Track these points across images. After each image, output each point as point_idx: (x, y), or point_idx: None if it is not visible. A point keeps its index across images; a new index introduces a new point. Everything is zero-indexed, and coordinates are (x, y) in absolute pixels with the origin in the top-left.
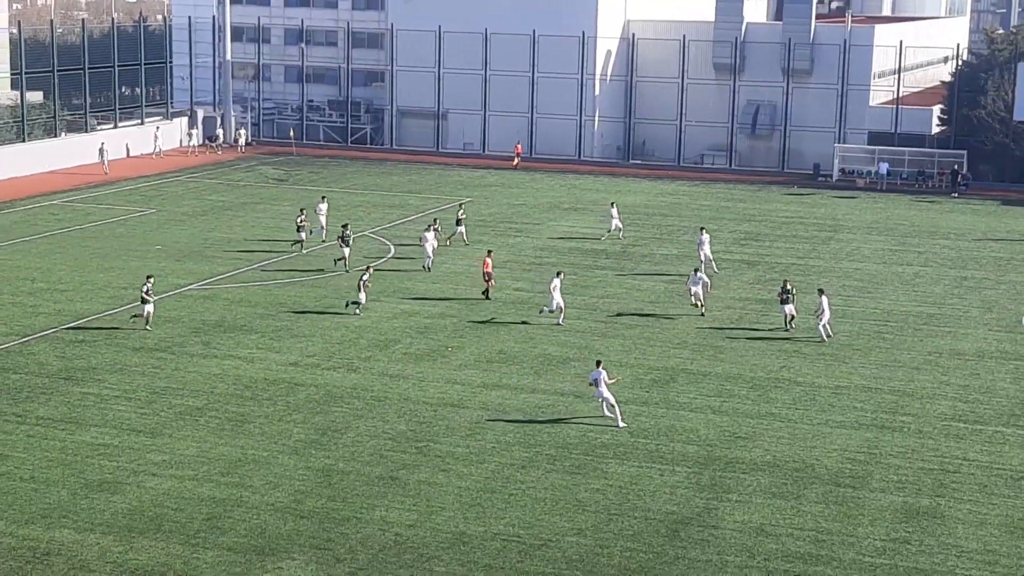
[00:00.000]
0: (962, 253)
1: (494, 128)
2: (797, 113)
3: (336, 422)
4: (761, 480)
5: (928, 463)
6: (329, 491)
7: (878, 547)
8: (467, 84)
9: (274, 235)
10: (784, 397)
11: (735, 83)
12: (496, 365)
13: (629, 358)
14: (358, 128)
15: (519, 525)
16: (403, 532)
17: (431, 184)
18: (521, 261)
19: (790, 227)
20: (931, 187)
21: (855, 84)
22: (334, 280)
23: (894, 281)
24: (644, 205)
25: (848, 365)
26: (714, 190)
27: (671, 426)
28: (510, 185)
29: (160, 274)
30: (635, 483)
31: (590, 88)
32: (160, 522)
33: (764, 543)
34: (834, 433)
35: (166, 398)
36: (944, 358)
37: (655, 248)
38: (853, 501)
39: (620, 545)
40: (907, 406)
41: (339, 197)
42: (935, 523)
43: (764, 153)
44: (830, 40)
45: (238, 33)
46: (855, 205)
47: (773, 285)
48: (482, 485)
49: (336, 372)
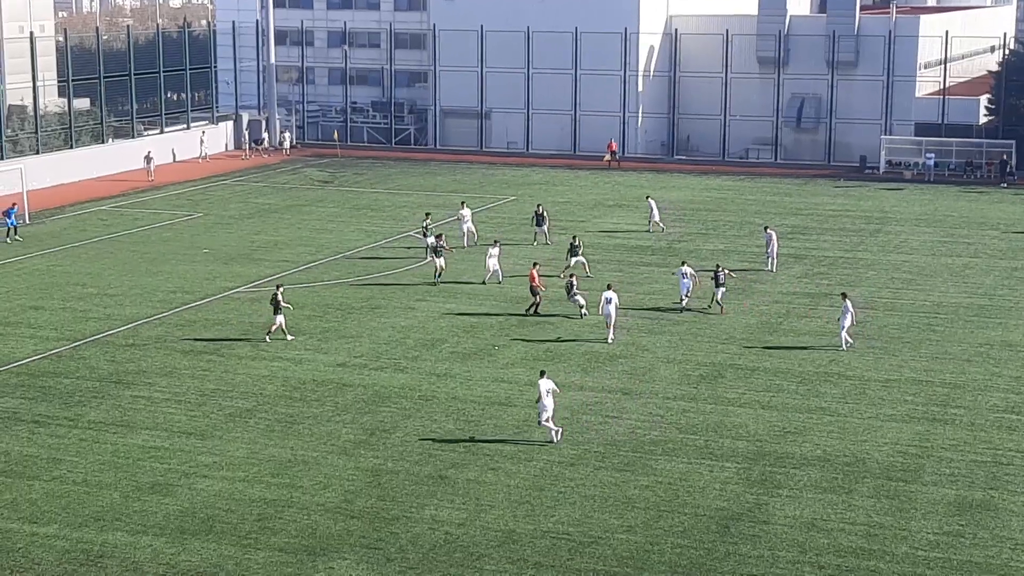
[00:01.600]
0: (1012, 244)
1: (537, 126)
2: (842, 105)
3: (384, 422)
4: (812, 475)
5: (981, 456)
6: (379, 491)
7: (931, 541)
8: (510, 83)
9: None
10: (833, 391)
11: (779, 76)
12: (543, 363)
13: (676, 354)
14: (402, 129)
15: (568, 523)
16: (453, 531)
17: (475, 184)
18: (559, 258)
19: (837, 220)
20: (979, 178)
21: (901, 75)
22: (380, 280)
23: (943, 273)
24: (689, 200)
25: (898, 358)
26: (760, 184)
27: (720, 422)
28: (554, 183)
29: (208, 277)
30: (684, 479)
31: (633, 84)
32: (212, 523)
33: (815, 538)
34: (885, 427)
35: (215, 400)
36: (995, 350)
37: (701, 243)
38: (905, 495)
39: (670, 542)
40: (959, 398)
41: (384, 198)
42: (989, 516)
43: (810, 146)
44: (875, 31)
45: (281, 37)
46: (902, 197)
47: (821, 279)
48: (531, 483)
49: (384, 372)
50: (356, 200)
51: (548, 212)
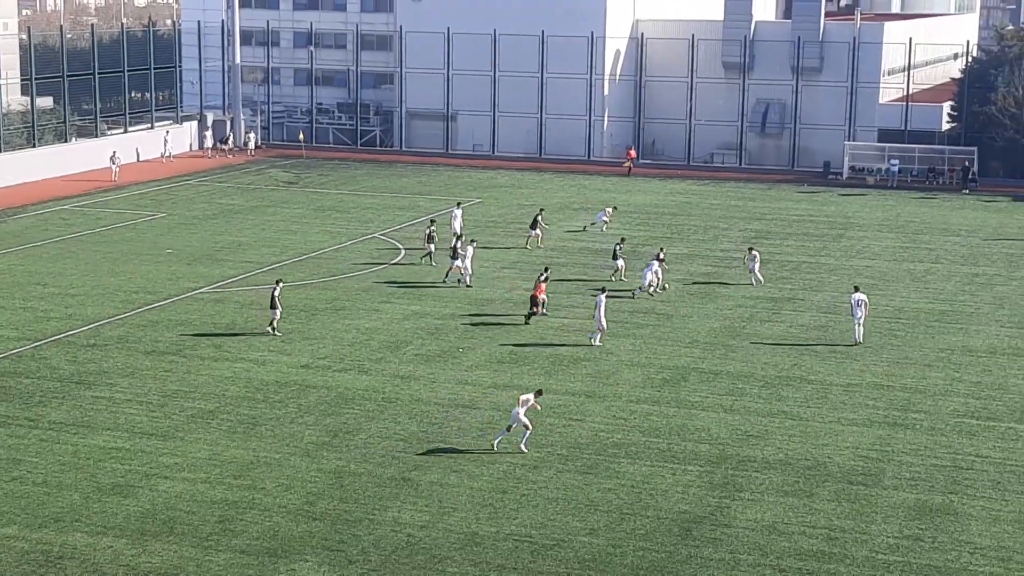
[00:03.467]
0: (973, 250)
1: (503, 129)
2: (807, 111)
3: (347, 423)
4: (773, 478)
5: (941, 460)
6: (341, 492)
7: (891, 544)
8: (476, 85)
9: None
10: (796, 395)
11: (744, 82)
12: (507, 365)
13: (640, 357)
14: (367, 130)
15: (531, 525)
16: (415, 533)
17: (441, 186)
18: (532, 262)
19: (801, 225)
20: (941, 184)
21: (865, 82)
22: (344, 282)
23: (905, 278)
24: (654, 205)
25: (860, 362)
26: (724, 189)
27: (683, 425)
28: (520, 186)
29: (171, 278)
30: (647, 482)
31: (599, 88)
32: (172, 525)
33: (776, 541)
34: (846, 431)
35: (178, 401)
36: (956, 355)
37: (666, 247)
38: (866, 499)
39: (632, 544)
40: (919, 403)
41: (349, 200)
42: (948, 520)
43: (774, 151)
44: (839, 38)
45: (247, 37)
46: (865, 203)
47: (784, 283)
48: (494, 485)
49: (347, 374)
50: (321, 201)
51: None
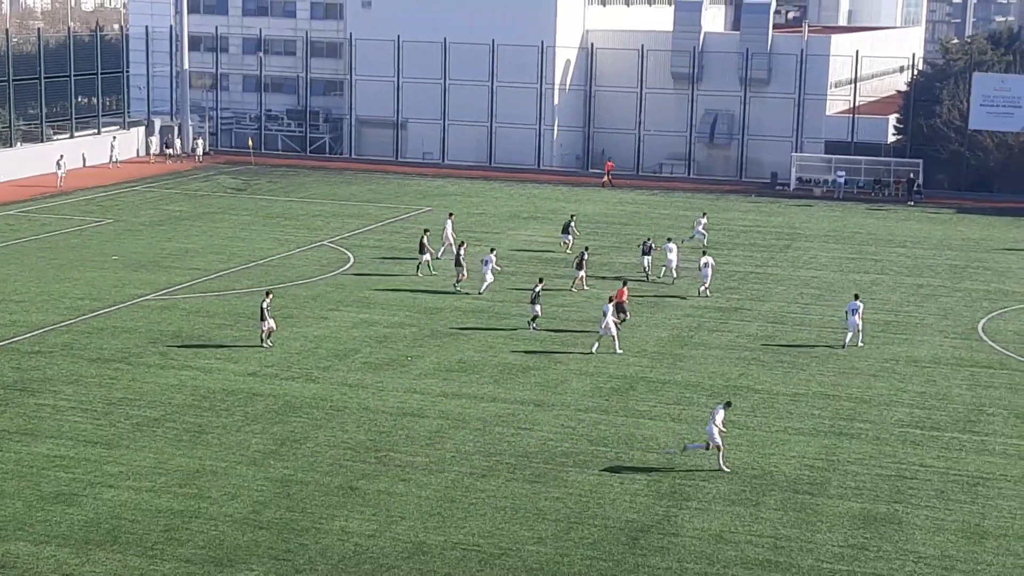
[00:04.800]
0: (918, 261)
1: (453, 137)
2: (755, 122)
3: (295, 432)
4: (720, 487)
5: (885, 469)
6: (288, 501)
7: (836, 553)
8: (426, 93)
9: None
10: (742, 404)
11: (693, 92)
12: (456, 374)
13: (589, 366)
14: (317, 137)
15: (479, 534)
16: (363, 542)
17: (390, 194)
18: (480, 271)
19: (748, 236)
20: (887, 196)
21: (812, 93)
22: (293, 289)
23: (851, 289)
24: (603, 214)
25: (806, 372)
26: (673, 199)
27: (631, 434)
28: (469, 195)
29: (117, 284)
30: (595, 491)
31: (549, 97)
32: (117, 534)
33: (723, 550)
34: (792, 440)
35: (123, 409)
36: (901, 365)
37: (615, 257)
38: (811, 508)
39: (580, 553)
40: (864, 413)
41: (298, 207)
42: (893, 529)
43: (722, 162)
44: (787, 50)
45: (195, 42)
46: (812, 213)
47: (731, 294)
48: (442, 495)
49: (295, 382)
50: (269, 208)
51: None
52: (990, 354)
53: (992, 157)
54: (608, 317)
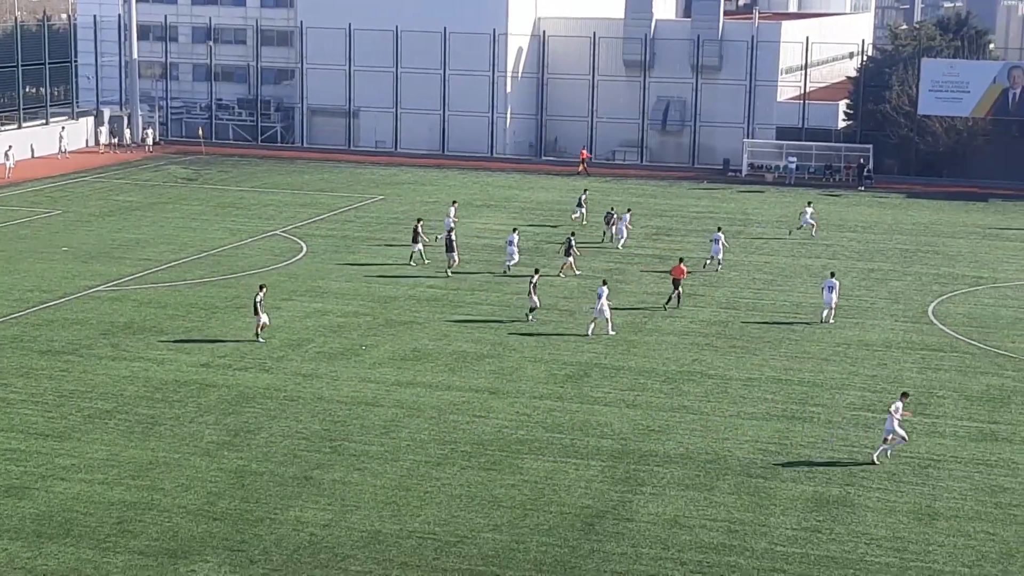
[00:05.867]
0: (869, 246)
1: (406, 126)
2: (707, 109)
3: (249, 423)
4: (675, 472)
5: (837, 453)
6: (242, 492)
7: (790, 536)
8: (378, 82)
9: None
10: (696, 390)
11: (645, 80)
12: (410, 363)
13: (543, 353)
14: (268, 127)
15: (435, 522)
16: (318, 532)
17: (343, 182)
18: (435, 259)
19: (701, 221)
20: (838, 181)
21: (763, 80)
22: (245, 279)
23: (803, 274)
24: (557, 202)
25: (759, 357)
26: (626, 186)
27: (586, 420)
28: (423, 183)
29: (67, 276)
30: (550, 478)
31: (502, 85)
32: (70, 527)
33: (678, 534)
34: (746, 424)
35: (74, 401)
36: (852, 349)
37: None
38: (765, 491)
39: (536, 540)
40: (817, 397)
41: (249, 196)
42: (845, 511)
43: (675, 149)
44: (738, 37)
45: (144, 32)
46: (764, 199)
47: (686, 279)
48: (397, 483)
49: (248, 372)
50: (221, 198)
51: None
52: (940, 337)
53: (941, 142)
54: (603, 300)
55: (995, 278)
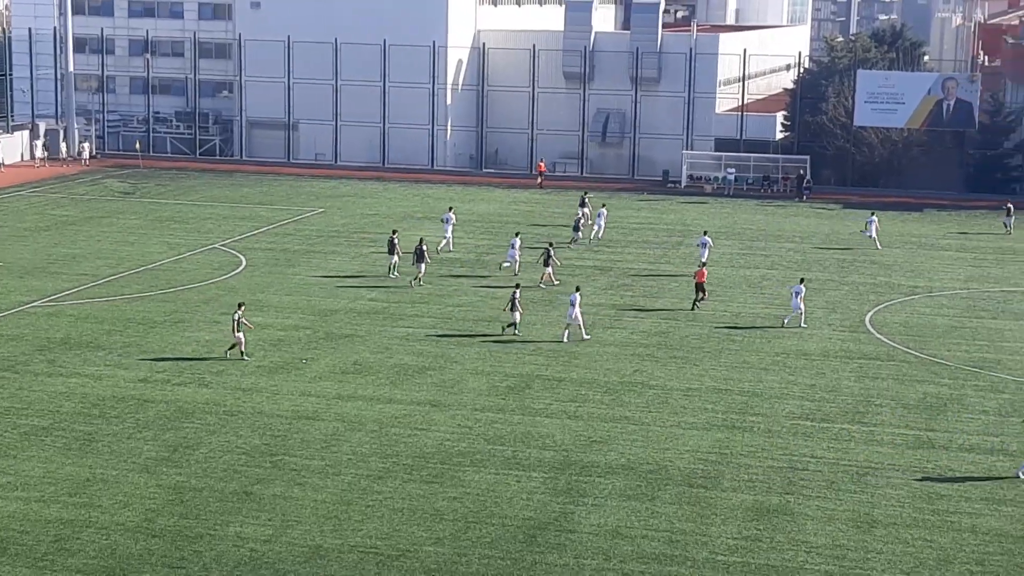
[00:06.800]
0: (807, 256)
1: (346, 138)
2: (646, 121)
3: (188, 438)
4: (616, 483)
5: (777, 461)
6: (181, 508)
7: (730, 545)
8: (318, 94)
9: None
10: (637, 400)
11: (585, 92)
12: (351, 376)
13: (485, 365)
14: (207, 140)
15: (376, 536)
16: (258, 547)
17: (283, 195)
18: (375, 271)
19: (641, 233)
20: (776, 192)
21: (701, 92)
22: (184, 294)
23: (742, 284)
24: (498, 214)
25: (699, 367)
26: (566, 198)
27: (527, 432)
28: (363, 195)
29: (2, 292)
30: (492, 490)
31: (442, 97)
32: (6, 546)
33: (619, 545)
34: (686, 435)
35: (10, 418)
36: (791, 358)
37: None
38: (706, 501)
39: (478, 553)
40: (756, 406)
41: (188, 210)
42: (785, 520)
43: (615, 160)
44: (676, 49)
45: (81, 44)
46: (703, 210)
47: (625, 291)
48: (338, 497)
49: (187, 387)
50: (159, 212)
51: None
52: (877, 346)
53: (877, 153)
54: (576, 307)
55: (931, 287)
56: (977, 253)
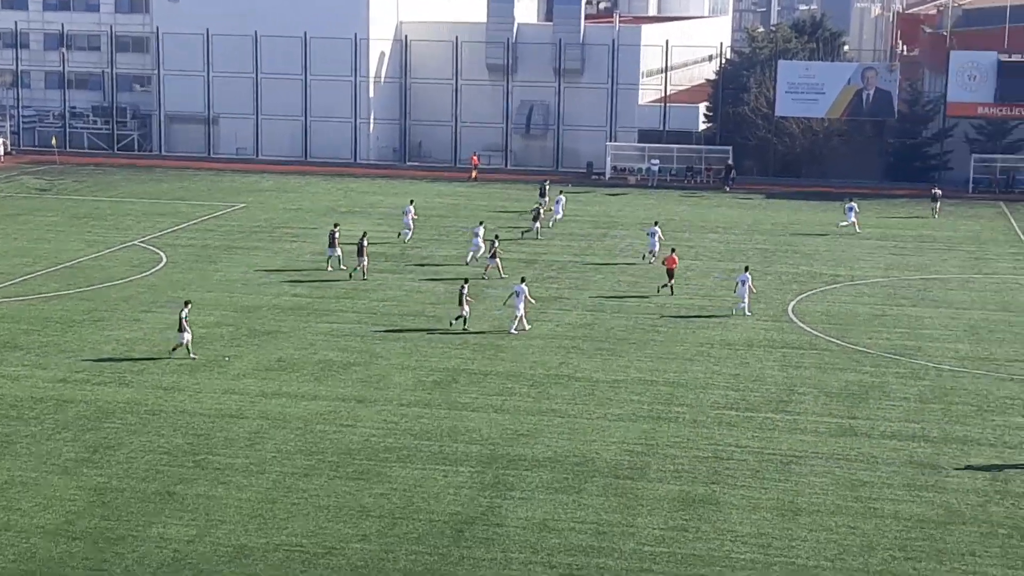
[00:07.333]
0: (730, 246)
1: (267, 132)
2: (570, 112)
3: (109, 438)
4: (543, 476)
5: (703, 451)
6: (103, 510)
7: (657, 536)
8: (238, 88)
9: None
10: (564, 393)
11: (508, 83)
12: (275, 373)
13: (411, 360)
14: (125, 135)
15: (302, 534)
16: (181, 548)
17: (203, 191)
18: (299, 266)
19: (565, 225)
20: (699, 183)
21: (624, 83)
22: (103, 292)
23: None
24: (422, 207)
25: (625, 359)
26: (491, 190)
27: (454, 427)
28: (285, 189)
29: None
30: (419, 486)
31: (364, 90)
32: None
33: (547, 538)
34: (612, 426)
35: None
36: (715, 349)
37: (434, 250)
38: (632, 492)
39: (405, 549)
40: (682, 397)
41: (106, 206)
42: (711, 510)
43: (539, 152)
44: (599, 40)
45: None
46: (628, 202)
47: (551, 283)
48: (263, 496)
49: (108, 387)
50: (76, 209)
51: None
52: (800, 335)
53: (798, 143)
54: (520, 298)
55: (852, 276)
56: (897, 241)
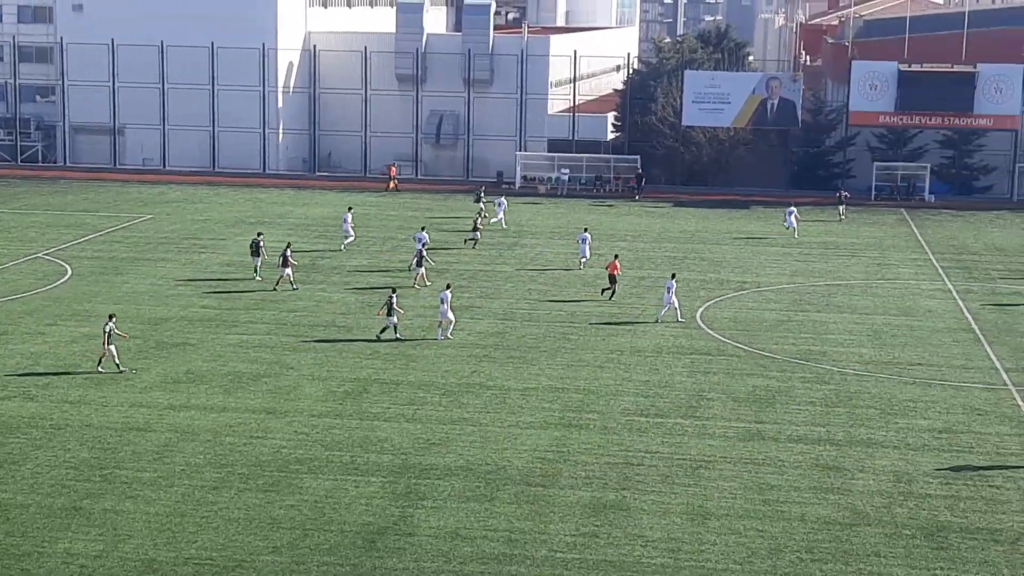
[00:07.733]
0: (639, 254)
1: (174, 143)
2: (480, 122)
3: (13, 454)
4: (455, 485)
5: (614, 457)
6: (7, 526)
7: (569, 542)
8: (144, 98)
9: None
10: (475, 401)
11: (418, 93)
12: (183, 385)
13: (322, 371)
14: (28, 146)
15: (212, 548)
16: (88, 563)
17: (109, 202)
18: (207, 278)
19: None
20: (608, 191)
21: (533, 93)
22: (7, 305)
23: (576, 284)
24: (332, 217)
25: (536, 367)
26: (401, 200)
27: (365, 437)
28: (193, 201)
29: None
30: (330, 496)
31: (273, 100)
32: None
33: (459, 547)
34: (524, 434)
35: None
36: (625, 355)
37: (344, 260)
38: (544, 499)
39: (317, 560)
40: (592, 404)
41: (9, 219)
42: (622, 515)
43: (449, 162)
44: (508, 50)
45: None
46: (538, 211)
47: (462, 292)
48: (172, 509)
49: (11, 401)
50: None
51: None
52: (708, 341)
53: (705, 152)
54: (446, 304)
55: (758, 283)
56: (802, 248)
